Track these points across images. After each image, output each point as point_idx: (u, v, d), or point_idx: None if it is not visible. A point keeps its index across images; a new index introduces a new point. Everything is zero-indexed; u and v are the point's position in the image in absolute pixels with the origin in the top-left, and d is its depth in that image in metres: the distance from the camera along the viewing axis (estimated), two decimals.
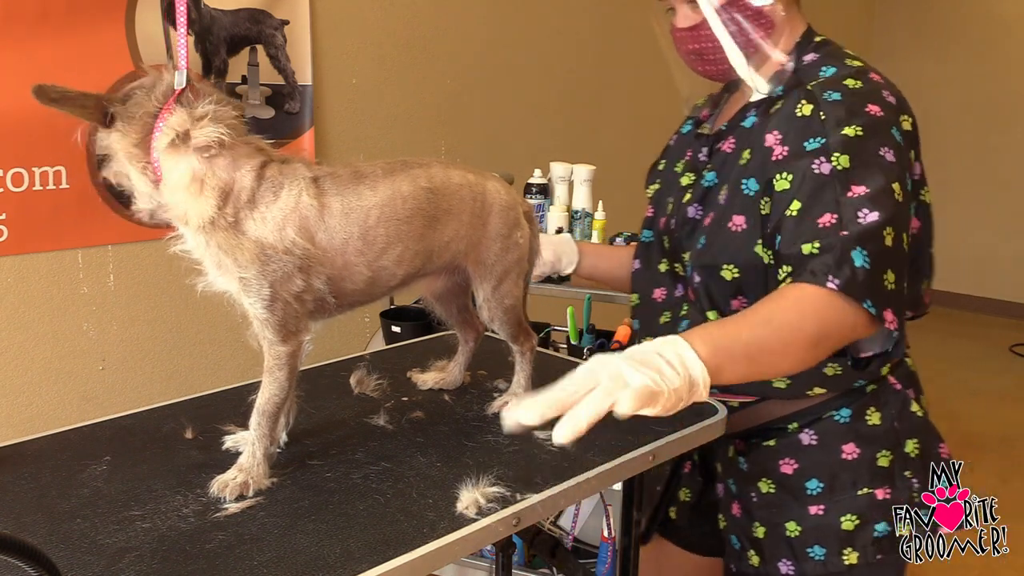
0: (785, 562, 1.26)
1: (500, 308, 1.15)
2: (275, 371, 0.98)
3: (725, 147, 1.28)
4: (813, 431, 1.25)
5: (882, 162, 1.11)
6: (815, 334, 1.03)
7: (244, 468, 0.95)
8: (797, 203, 1.11)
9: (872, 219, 1.06)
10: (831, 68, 1.21)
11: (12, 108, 2.06)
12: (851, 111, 1.13)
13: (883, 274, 1.05)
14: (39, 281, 2.21)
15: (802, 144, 1.14)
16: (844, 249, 1.04)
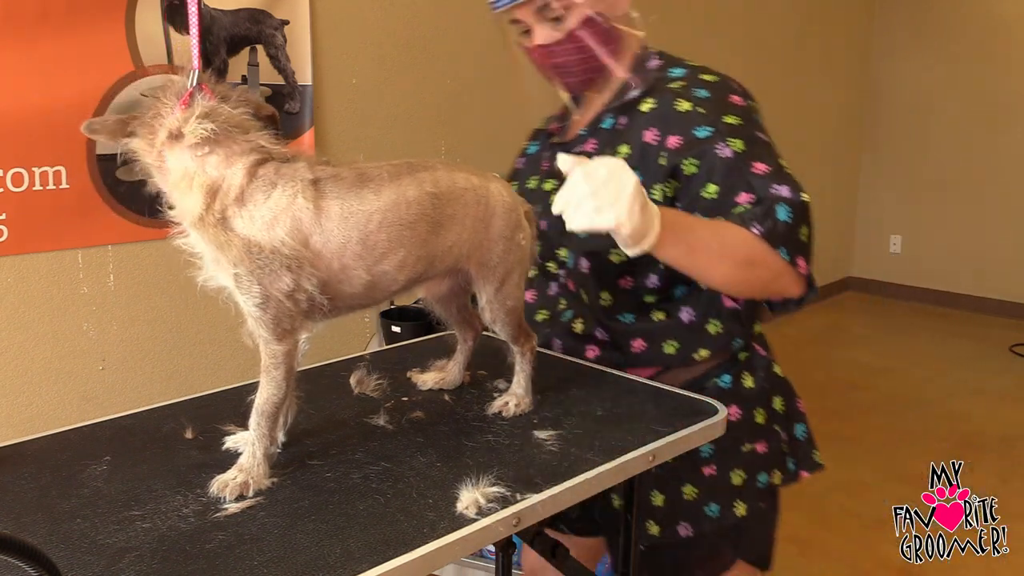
0: (684, 525, 1.36)
1: (503, 310, 1.15)
2: (272, 370, 0.98)
3: (588, 147, 1.38)
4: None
5: (764, 143, 1.27)
6: (748, 256, 1.18)
7: (244, 468, 0.96)
8: (713, 186, 1.24)
9: (786, 192, 1.21)
10: (679, 69, 1.36)
11: (12, 108, 2.06)
12: (720, 104, 1.28)
13: (799, 228, 1.20)
14: (39, 281, 2.21)
15: (692, 133, 1.26)
16: (770, 205, 1.19)
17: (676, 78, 1.34)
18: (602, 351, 1.41)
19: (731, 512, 1.36)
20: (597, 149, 1.37)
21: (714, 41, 4.53)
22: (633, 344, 1.37)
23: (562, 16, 1.30)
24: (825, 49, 5.52)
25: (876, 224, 6.07)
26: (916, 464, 3.33)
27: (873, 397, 4.15)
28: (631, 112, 1.34)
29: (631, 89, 1.35)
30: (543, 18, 1.31)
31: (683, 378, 1.38)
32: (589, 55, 1.33)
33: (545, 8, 1.30)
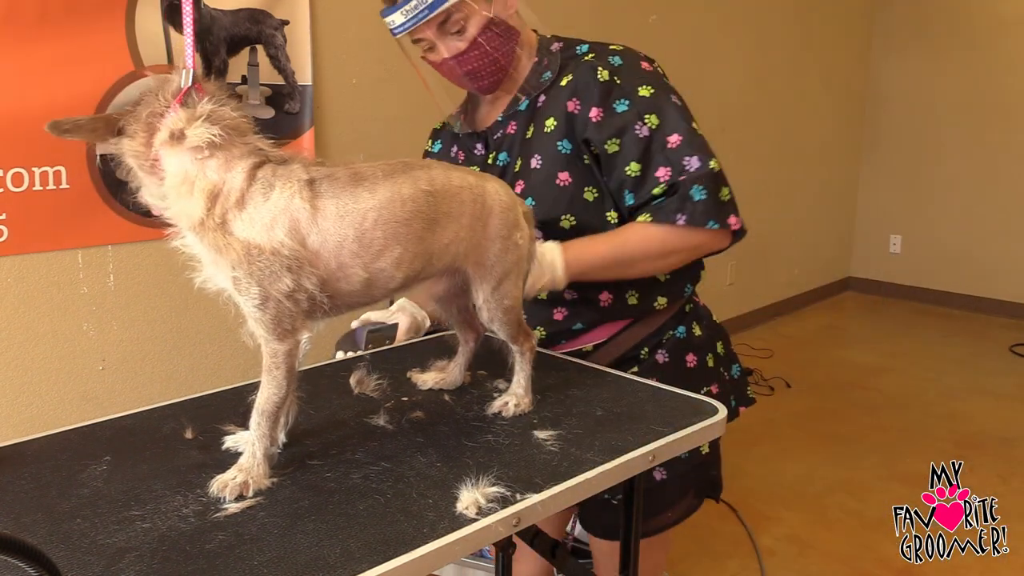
0: (658, 470, 1.47)
1: (500, 309, 1.16)
2: (272, 370, 0.98)
3: (508, 130, 1.49)
4: (664, 351, 1.51)
5: (677, 109, 1.40)
6: (662, 249, 1.39)
7: (244, 468, 0.96)
8: (635, 164, 1.37)
9: (696, 164, 1.36)
10: (583, 45, 1.47)
11: (12, 108, 2.06)
12: (633, 72, 1.40)
13: (719, 194, 1.37)
14: (39, 281, 2.21)
15: (612, 106, 1.38)
16: (685, 190, 1.35)
17: (584, 53, 1.45)
18: (570, 310, 1.49)
19: (698, 451, 1.51)
20: (518, 130, 1.47)
21: (715, 41, 4.53)
22: (601, 297, 1.47)
23: (463, 27, 1.38)
24: (825, 49, 5.52)
25: (876, 224, 6.07)
26: (916, 464, 3.33)
27: (873, 397, 4.15)
28: (550, 89, 1.44)
29: (544, 71, 1.46)
30: (445, 32, 1.38)
31: (645, 332, 1.50)
32: (495, 56, 1.42)
33: (446, 23, 1.37)
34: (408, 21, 1.36)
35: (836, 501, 3.08)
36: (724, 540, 2.76)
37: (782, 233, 5.34)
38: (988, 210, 5.53)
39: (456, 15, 1.36)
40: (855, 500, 3.08)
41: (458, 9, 1.35)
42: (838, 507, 3.04)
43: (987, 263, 5.56)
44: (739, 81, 4.79)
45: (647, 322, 1.51)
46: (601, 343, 1.50)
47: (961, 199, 5.64)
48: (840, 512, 3.01)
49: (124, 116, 0.96)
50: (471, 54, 1.40)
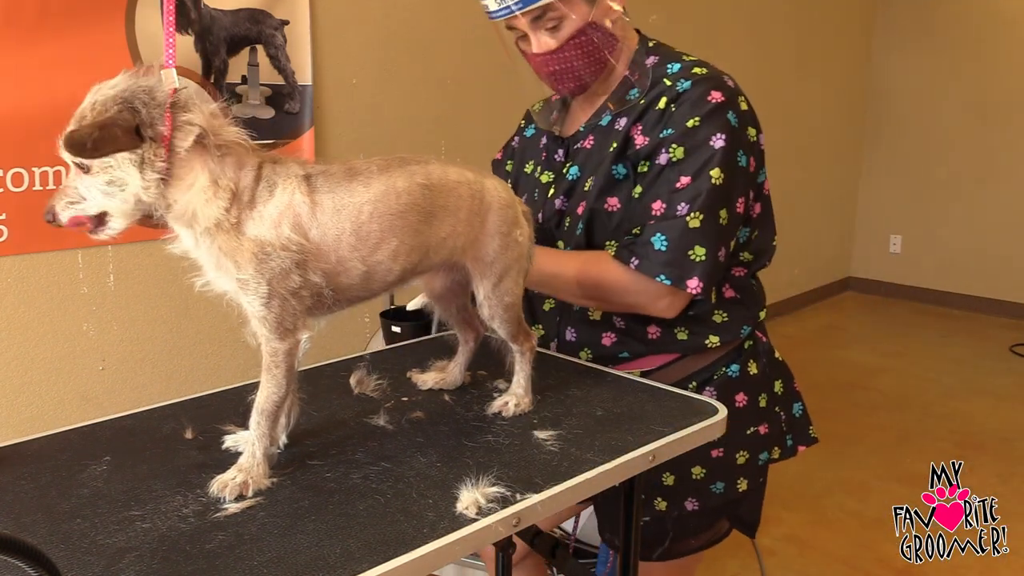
0: (691, 500, 1.45)
1: (500, 306, 1.16)
2: (273, 369, 0.98)
3: (585, 144, 1.43)
4: (712, 388, 1.44)
5: (709, 150, 1.30)
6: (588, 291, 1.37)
7: (244, 468, 0.96)
8: (639, 187, 1.35)
9: (681, 210, 1.29)
10: (676, 64, 1.39)
11: (12, 108, 2.06)
12: (696, 100, 1.32)
13: (687, 251, 1.29)
14: (39, 281, 2.21)
15: (658, 134, 1.34)
16: (647, 235, 1.31)
17: (672, 74, 1.38)
18: (619, 337, 1.45)
19: (734, 488, 1.46)
20: (594, 145, 1.42)
21: (716, 41, 4.53)
22: (649, 330, 1.43)
23: (558, 25, 1.33)
24: (826, 49, 5.52)
25: (876, 224, 6.07)
26: (916, 464, 3.33)
27: (873, 397, 4.15)
28: (630, 111, 1.39)
29: (631, 87, 1.39)
30: (539, 27, 1.34)
31: (696, 366, 1.44)
32: (585, 62, 1.36)
33: (541, 18, 1.32)
34: (500, 10, 1.32)
35: (836, 501, 3.08)
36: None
37: (782, 233, 5.33)
38: (988, 210, 5.53)
39: (552, 12, 1.31)
40: (855, 500, 3.08)
41: (556, 7, 1.30)
42: (838, 507, 3.04)
43: (987, 263, 5.56)
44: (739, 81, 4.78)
45: (698, 357, 1.44)
46: (648, 371, 1.45)
47: (961, 199, 5.64)
48: (840, 512, 3.01)
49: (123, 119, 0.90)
50: (560, 55, 1.35)
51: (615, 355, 1.45)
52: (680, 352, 1.44)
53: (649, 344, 1.43)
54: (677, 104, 1.33)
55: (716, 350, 1.44)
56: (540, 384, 1.25)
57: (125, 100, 0.90)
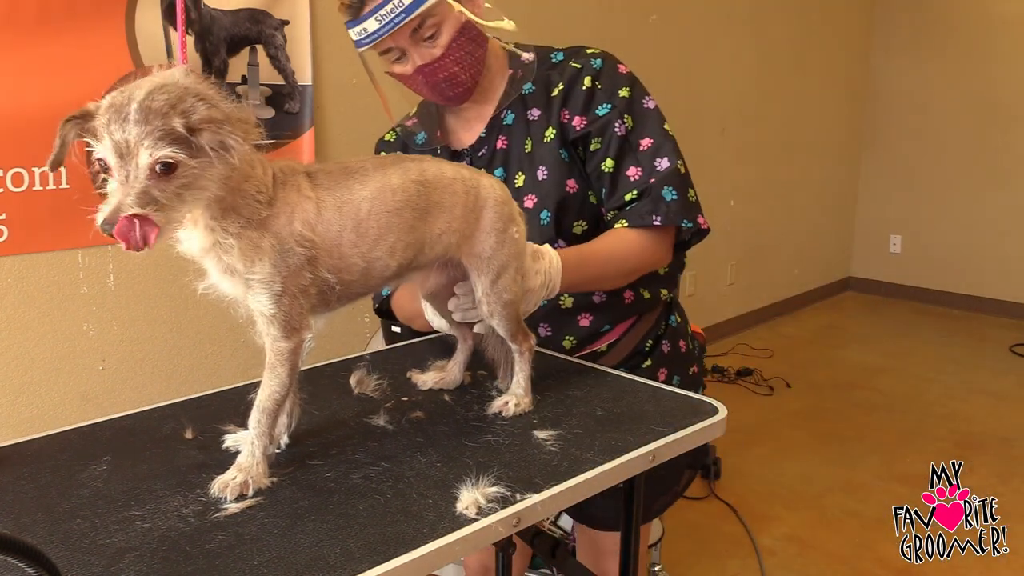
0: None
1: (499, 303, 1.16)
2: (277, 367, 0.98)
3: (499, 145, 1.47)
4: (666, 340, 1.56)
5: (650, 112, 1.43)
6: (633, 267, 1.42)
7: (243, 467, 0.96)
8: (610, 161, 1.40)
9: (665, 165, 1.39)
10: (557, 53, 1.47)
11: (12, 108, 2.06)
12: (613, 75, 1.42)
13: (687, 194, 1.40)
14: (39, 281, 2.21)
15: (595, 111, 1.41)
16: (656, 191, 1.38)
17: (562, 61, 1.45)
18: (596, 314, 1.49)
19: None
20: (510, 143, 1.46)
21: (715, 42, 4.53)
22: (625, 296, 1.49)
23: (435, 33, 1.33)
24: (825, 49, 5.52)
25: (876, 224, 6.07)
26: (916, 464, 3.33)
27: (873, 397, 4.15)
28: (543, 101, 1.45)
29: (523, 82, 1.45)
30: (419, 39, 1.34)
31: (647, 326, 1.54)
32: (470, 61, 1.38)
33: (419, 29, 1.32)
34: (383, 27, 1.29)
35: (836, 501, 3.08)
36: (724, 540, 2.76)
37: (782, 233, 5.34)
38: (988, 210, 5.53)
39: (430, 20, 1.31)
40: (855, 500, 3.08)
41: (433, 12, 1.30)
42: (838, 507, 3.04)
43: (987, 263, 5.56)
44: (739, 81, 4.79)
45: (647, 317, 1.54)
46: (614, 342, 1.51)
47: (961, 199, 5.64)
48: (840, 512, 3.01)
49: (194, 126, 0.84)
50: (447, 59, 1.35)
51: (597, 331, 1.49)
52: (640, 312, 1.52)
53: (624, 309, 1.50)
54: (600, 80, 1.41)
55: (660, 303, 1.55)
56: (540, 384, 1.25)
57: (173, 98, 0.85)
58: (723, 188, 4.71)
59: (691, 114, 4.45)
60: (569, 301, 1.47)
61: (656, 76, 4.17)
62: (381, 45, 1.34)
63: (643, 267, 1.43)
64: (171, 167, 0.82)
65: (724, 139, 4.73)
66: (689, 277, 4.39)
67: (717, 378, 4.35)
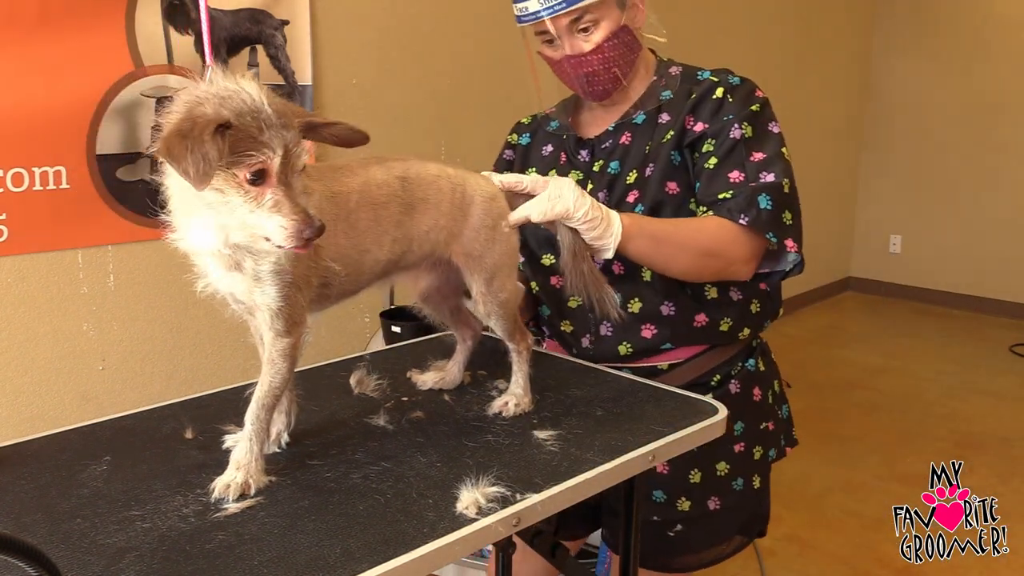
0: (713, 499, 1.46)
1: (496, 302, 1.16)
2: (278, 362, 0.98)
3: (622, 141, 1.47)
4: (736, 381, 1.48)
5: (772, 133, 1.42)
6: (707, 247, 1.34)
7: (242, 465, 0.95)
8: (714, 159, 1.38)
9: (770, 178, 1.36)
10: (704, 71, 1.48)
11: (12, 108, 2.06)
12: (748, 92, 1.43)
13: (782, 214, 1.36)
14: (39, 281, 2.21)
15: (720, 118, 1.40)
16: (752, 195, 1.34)
17: (706, 78, 1.46)
18: (661, 328, 1.43)
19: (751, 485, 1.49)
20: (633, 141, 1.46)
21: (715, 42, 4.53)
22: (697, 318, 1.44)
23: (592, 28, 1.37)
24: (825, 49, 5.52)
25: (876, 224, 6.07)
26: (916, 464, 3.33)
27: (873, 397, 4.15)
28: (673, 108, 1.45)
29: (663, 90, 1.47)
30: (574, 29, 1.37)
31: (719, 359, 1.47)
32: (616, 64, 1.41)
33: (577, 20, 1.36)
34: (543, 10, 1.34)
35: (836, 501, 3.08)
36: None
37: None
38: (988, 210, 5.53)
39: (588, 15, 1.35)
40: (855, 500, 3.08)
41: (593, 10, 1.35)
42: (838, 507, 3.04)
43: (987, 263, 5.56)
44: None
45: (723, 350, 1.48)
46: (677, 363, 1.46)
47: (961, 199, 5.64)
48: (840, 512, 3.01)
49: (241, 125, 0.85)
50: (593, 57, 1.39)
51: (657, 347, 1.44)
52: (713, 342, 1.46)
53: (693, 333, 1.44)
54: (733, 94, 1.41)
55: (738, 343, 1.48)
56: (540, 384, 1.25)
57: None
58: None
59: None
60: (637, 306, 1.43)
61: None
62: (539, 26, 1.38)
63: (720, 253, 1.35)
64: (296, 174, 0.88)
65: None
66: None
67: None
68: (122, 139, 2.26)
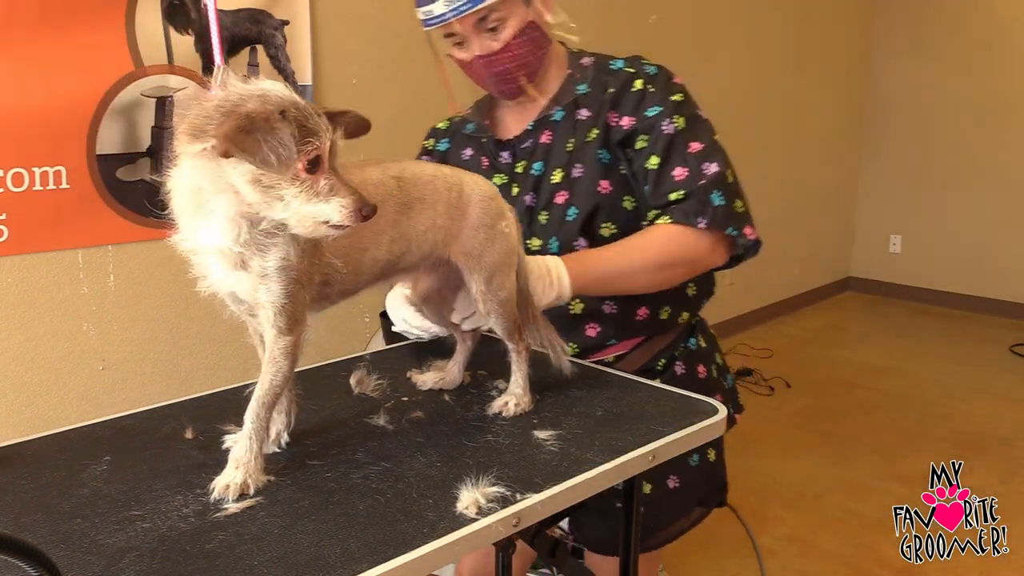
0: (672, 478, 1.49)
1: (495, 301, 1.16)
2: (280, 360, 0.98)
3: (543, 140, 1.48)
4: (681, 361, 1.53)
5: (702, 120, 1.44)
6: (660, 262, 1.37)
7: (242, 463, 0.95)
8: (656, 158, 1.39)
9: (713, 169, 1.38)
10: (617, 60, 1.47)
11: (12, 108, 2.06)
12: (666, 80, 1.43)
13: (734, 204, 1.40)
14: (39, 281, 2.21)
15: (644, 112, 1.41)
16: (704, 194, 1.37)
17: (621, 68, 1.46)
18: (604, 327, 1.47)
19: (707, 459, 1.53)
20: (554, 139, 1.47)
21: (714, 42, 4.53)
22: (638, 312, 1.46)
23: (499, 26, 1.36)
24: (825, 50, 5.52)
25: (876, 224, 6.07)
26: (916, 464, 3.33)
27: (873, 397, 4.15)
28: (592, 102, 1.45)
29: (578, 83, 1.46)
30: (481, 29, 1.37)
31: (662, 344, 1.52)
32: (526, 61, 1.41)
33: (484, 19, 1.35)
34: (449, 12, 1.34)
35: (836, 501, 3.08)
36: (724, 540, 2.75)
37: (782, 233, 5.34)
38: (988, 210, 5.52)
39: (495, 13, 1.35)
40: (855, 500, 3.08)
41: (499, 8, 1.34)
42: (838, 507, 3.04)
43: (987, 263, 5.56)
44: (739, 81, 4.79)
45: (663, 336, 1.52)
46: (622, 355, 1.51)
47: (961, 199, 5.64)
48: (840, 512, 3.01)
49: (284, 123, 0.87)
50: (503, 55, 1.39)
51: (602, 344, 1.49)
52: (652, 332, 1.50)
53: (635, 326, 1.48)
54: (653, 84, 1.42)
55: (679, 326, 1.53)
56: (540, 384, 1.25)
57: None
58: None
59: None
60: (579, 307, 1.46)
61: None
62: (445, 28, 1.39)
63: (679, 261, 1.39)
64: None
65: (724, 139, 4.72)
66: None
67: None
68: (122, 139, 2.27)
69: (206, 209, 0.91)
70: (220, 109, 0.85)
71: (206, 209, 0.91)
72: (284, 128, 0.85)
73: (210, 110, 0.86)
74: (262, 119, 0.84)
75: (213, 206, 0.91)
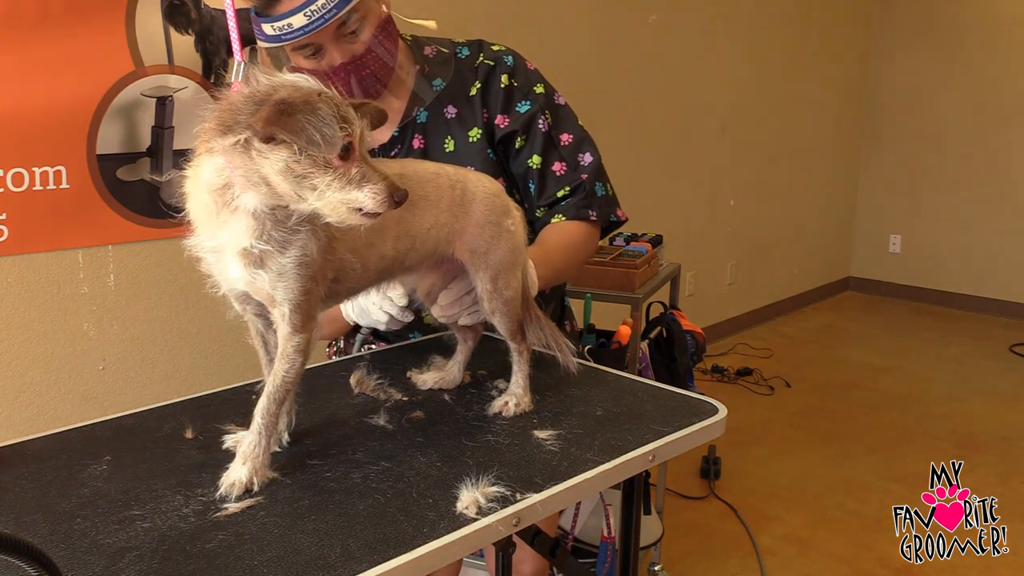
0: None
1: (500, 300, 1.16)
2: (293, 356, 0.98)
3: (416, 145, 1.46)
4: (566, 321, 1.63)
5: (564, 108, 1.49)
6: (584, 259, 1.51)
7: (249, 457, 0.95)
8: (537, 157, 1.45)
9: (588, 158, 1.47)
10: (463, 48, 1.48)
11: (12, 108, 2.06)
12: (525, 72, 1.47)
13: (608, 190, 1.50)
14: (39, 281, 2.21)
15: (515, 109, 1.45)
16: (589, 187, 1.46)
17: (461, 55, 1.47)
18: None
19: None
20: (427, 142, 1.45)
21: (715, 42, 4.53)
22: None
23: (357, 30, 1.31)
24: (825, 49, 5.52)
25: (876, 224, 6.07)
26: (916, 464, 3.33)
27: (873, 397, 4.15)
28: (460, 99, 1.45)
29: (433, 77, 1.44)
30: (340, 35, 1.30)
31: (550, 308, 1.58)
32: (388, 58, 1.37)
33: (343, 25, 1.28)
34: (313, 23, 1.23)
35: (836, 501, 3.08)
36: (724, 540, 2.76)
37: (782, 233, 5.34)
38: (988, 210, 5.53)
39: (356, 15, 1.29)
40: (855, 500, 3.08)
41: (358, 8, 1.28)
42: (838, 507, 3.04)
43: (987, 263, 5.56)
44: (739, 80, 4.79)
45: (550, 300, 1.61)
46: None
47: (961, 199, 5.64)
48: (840, 512, 3.01)
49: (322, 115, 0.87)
50: (368, 57, 1.33)
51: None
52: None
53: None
54: (515, 77, 1.46)
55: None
56: (540, 384, 1.25)
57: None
58: (723, 188, 4.71)
59: (691, 114, 4.45)
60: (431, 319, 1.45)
61: (656, 76, 4.18)
62: (298, 42, 1.28)
63: (589, 253, 1.52)
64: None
65: (724, 139, 4.73)
66: (689, 277, 4.38)
67: (717, 378, 4.35)
68: (122, 139, 2.26)
69: (230, 208, 0.91)
70: (252, 99, 0.86)
71: (230, 208, 0.91)
72: (326, 108, 0.85)
73: (239, 103, 0.86)
74: (302, 101, 0.84)
75: (238, 203, 0.90)
